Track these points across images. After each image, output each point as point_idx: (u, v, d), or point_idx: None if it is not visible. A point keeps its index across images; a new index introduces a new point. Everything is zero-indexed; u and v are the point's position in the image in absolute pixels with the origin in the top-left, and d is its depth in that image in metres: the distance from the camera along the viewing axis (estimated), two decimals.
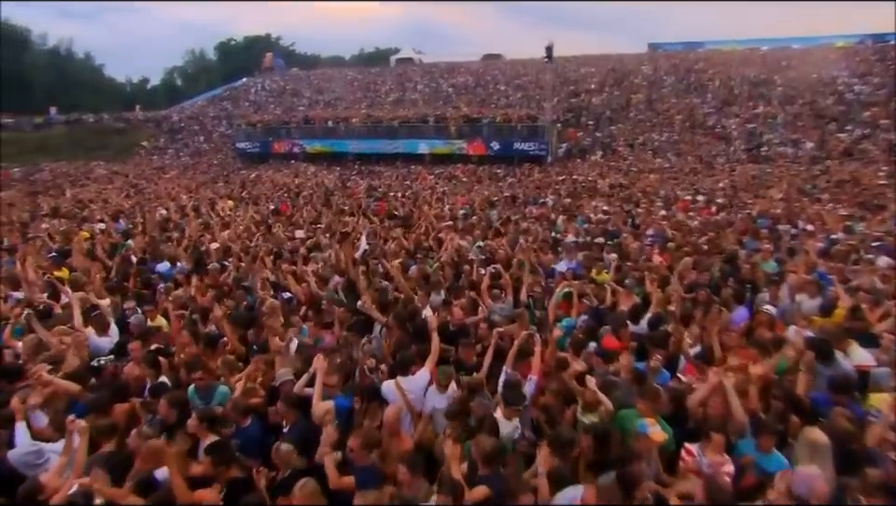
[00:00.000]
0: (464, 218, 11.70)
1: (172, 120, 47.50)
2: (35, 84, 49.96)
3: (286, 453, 3.47)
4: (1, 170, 26.66)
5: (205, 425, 3.86)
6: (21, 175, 27.19)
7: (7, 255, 9.18)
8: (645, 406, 3.69)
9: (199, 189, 18.04)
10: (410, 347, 4.95)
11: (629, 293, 6.49)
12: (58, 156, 39.41)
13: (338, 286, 6.95)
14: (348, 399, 4.16)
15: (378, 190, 17.15)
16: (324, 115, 32.51)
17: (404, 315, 5.37)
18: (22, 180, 24.70)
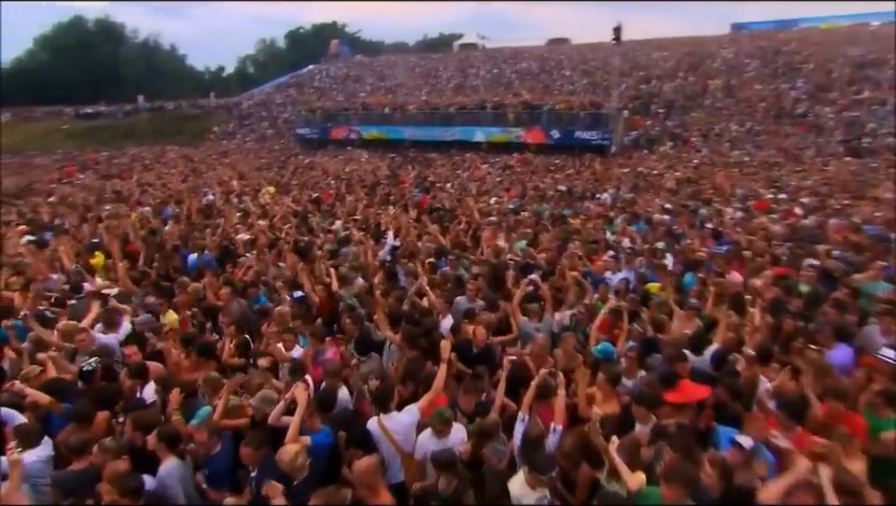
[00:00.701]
0: (511, 214, 10.85)
1: (241, 107, 49.45)
2: (127, 75, 53.71)
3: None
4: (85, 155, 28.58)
5: (164, 444, 3.42)
6: (106, 158, 29.23)
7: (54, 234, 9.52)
8: (671, 491, 2.75)
9: (250, 175, 18.24)
10: (421, 370, 4.30)
11: (690, 314, 5.46)
12: (141, 141, 42.24)
13: (362, 288, 6.42)
14: (328, 434, 3.56)
15: (428, 181, 16.54)
16: (381, 101, 32.32)
17: (415, 331, 4.67)
18: (106, 163, 26.36)
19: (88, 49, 53.33)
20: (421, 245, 8.28)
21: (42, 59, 54.90)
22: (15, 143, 41.87)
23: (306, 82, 51.74)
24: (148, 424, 3.63)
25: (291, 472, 3.07)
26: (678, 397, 3.70)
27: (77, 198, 13.91)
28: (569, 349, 4.78)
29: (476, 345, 4.85)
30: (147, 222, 9.98)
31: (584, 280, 6.36)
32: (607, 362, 4.41)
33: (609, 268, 7.01)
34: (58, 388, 4.18)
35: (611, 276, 6.85)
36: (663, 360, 4.41)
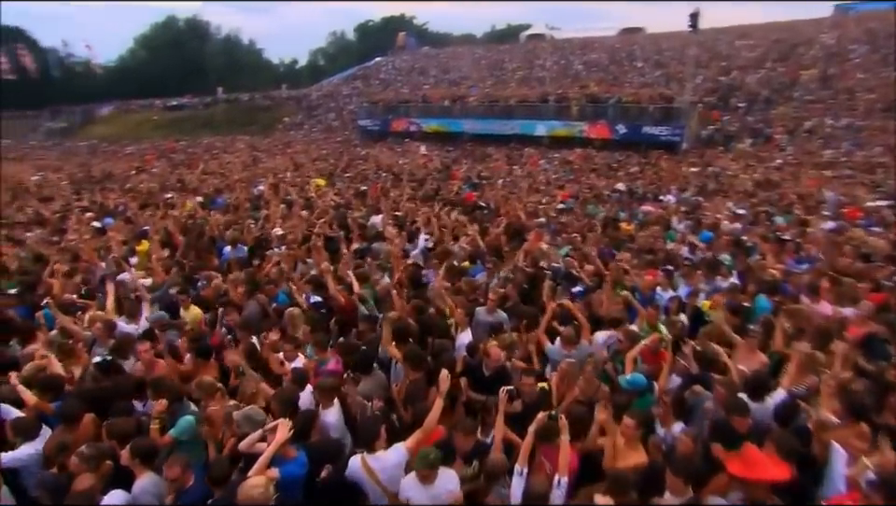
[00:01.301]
0: (561, 215, 10.10)
1: (310, 98, 51.10)
2: (209, 69, 57.18)
3: None
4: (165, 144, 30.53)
5: (138, 460, 3.21)
6: (183, 147, 31.17)
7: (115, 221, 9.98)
8: None
9: (305, 166, 18.51)
10: (422, 396, 3.88)
11: (753, 345, 4.61)
12: (218, 130, 44.91)
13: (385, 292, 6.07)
14: (302, 464, 3.21)
15: (479, 176, 15.99)
16: (441, 93, 32.00)
17: (418, 351, 4.21)
18: (182, 152, 28.05)
19: (178, 47, 57.44)
20: (457, 248, 7.81)
21: (140, 56, 59.94)
22: (114, 133, 46.09)
23: (372, 74, 52.55)
24: (125, 433, 3.47)
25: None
26: (744, 470, 2.89)
27: (146, 185, 14.71)
28: (590, 376, 4.16)
29: (488, 367, 4.34)
30: (187, 211, 10.19)
31: (634, 299, 5.62)
32: (637, 399, 3.75)
33: (659, 284, 6.18)
34: (52, 386, 4.14)
35: (662, 293, 6.05)
36: (714, 408, 3.67)
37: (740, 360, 4.44)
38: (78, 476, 3.12)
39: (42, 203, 12.35)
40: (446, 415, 3.82)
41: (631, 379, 3.94)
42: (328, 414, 3.87)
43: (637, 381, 3.93)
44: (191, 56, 56.35)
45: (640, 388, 3.88)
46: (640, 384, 3.92)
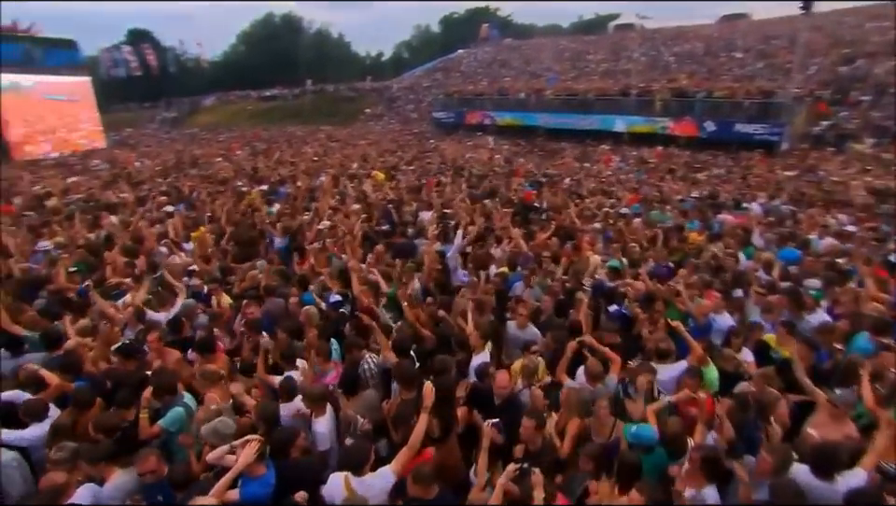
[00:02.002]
0: (621, 221, 9.23)
1: (391, 90, 52.21)
2: (300, 61, 60.27)
3: None
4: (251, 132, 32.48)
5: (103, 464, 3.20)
6: (267, 136, 33.04)
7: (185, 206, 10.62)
8: None
9: (374, 158, 18.70)
10: (410, 418, 3.55)
11: (841, 414, 3.63)
12: (305, 120, 47.36)
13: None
14: (266, 484, 3.01)
15: (546, 173, 15.22)
16: (517, 86, 31.12)
17: (409, 369, 3.85)
18: (266, 140, 29.72)
19: (274, 41, 61.24)
20: (498, 252, 7.36)
21: (241, 51, 64.82)
22: (213, 121, 50.15)
23: (453, 67, 52.54)
24: (111, 427, 3.49)
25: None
26: None
27: (222, 173, 15.61)
28: (605, 414, 3.60)
29: (497, 395, 3.90)
30: (247, 201, 10.53)
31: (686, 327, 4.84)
32: (645, 454, 3.16)
33: (716, 309, 5.32)
34: (72, 366, 4.33)
35: (716, 319, 5.21)
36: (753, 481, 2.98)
37: (817, 424, 3.61)
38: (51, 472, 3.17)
39: (132, 188, 13.49)
40: (438, 446, 3.48)
41: (637, 432, 3.32)
42: (318, 422, 3.70)
43: (642, 435, 3.30)
44: (284, 50, 59.76)
45: (647, 444, 3.26)
46: (647, 438, 3.28)
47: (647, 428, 3.34)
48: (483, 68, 49.28)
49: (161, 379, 3.84)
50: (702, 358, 4.31)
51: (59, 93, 30.25)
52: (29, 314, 5.33)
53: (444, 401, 3.64)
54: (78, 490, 3.12)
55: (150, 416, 3.67)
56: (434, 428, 3.55)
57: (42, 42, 29.67)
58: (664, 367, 4.20)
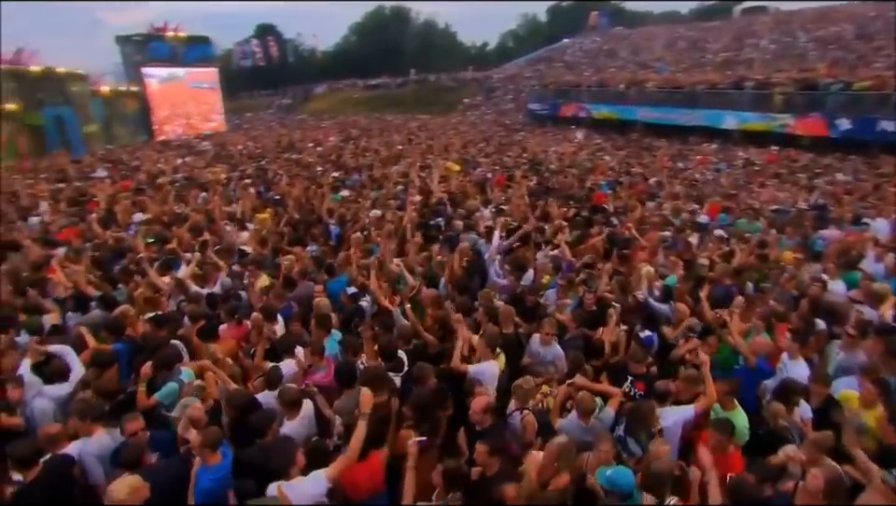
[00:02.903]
0: (697, 233, 8.21)
1: (491, 80, 51.86)
2: (405, 51, 62.10)
3: None
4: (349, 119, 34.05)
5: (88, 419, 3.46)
6: (365, 123, 34.51)
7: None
8: None
9: (457, 148, 18.64)
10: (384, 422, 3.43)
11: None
12: (406, 109, 48.87)
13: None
14: (213, 479, 3.04)
15: (630, 172, 14.10)
16: (618, 78, 29.19)
17: (377, 374, 3.64)
18: (362, 128, 31.04)
19: (382, 32, 63.70)
20: (541, 256, 6.91)
21: (352, 42, 68.29)
22: (323, 108, 53.54)
23: (557, 56, 50.80)
24: (109, 392, 3.80)
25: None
26: None
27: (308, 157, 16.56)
28: (607, 454, 3.17)
29: (474, 421, 3.60)
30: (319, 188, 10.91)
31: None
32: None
33: (788, 351, 4.41)
34: (113, 329, 4.79)
35: (788, 364, 4.36)
36: None
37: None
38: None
39: (228, 168, 14.80)
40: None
41: (612, 476, 2.86)
42: (287, 425, 3.66)
43: (618, 480, 2.84)
44: (392, 40, 61.93)
45: (623, 491, 2.80)
46: (623, 485, 2.82)
47: (623, 473, 2.90)
48: (587, 58, 47.09)
49: (161, 355, 4.10)
50: (726, 400, 3.66)
51: (202, 81, 34.62)
52: (97, 277, 6.04)
53: (422, 413, 3.45)
54: (73, 443, 3.43)
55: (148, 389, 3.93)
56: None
57: (184, 40, 33.70)
58: (662, 410, 3.62)
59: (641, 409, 3.46)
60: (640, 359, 4.25)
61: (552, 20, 66.62)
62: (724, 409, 3.75)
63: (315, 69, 62.64)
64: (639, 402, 3.59)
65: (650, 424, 3.38)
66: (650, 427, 3.39)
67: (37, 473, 3.14)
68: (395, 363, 4.21)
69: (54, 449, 3.36)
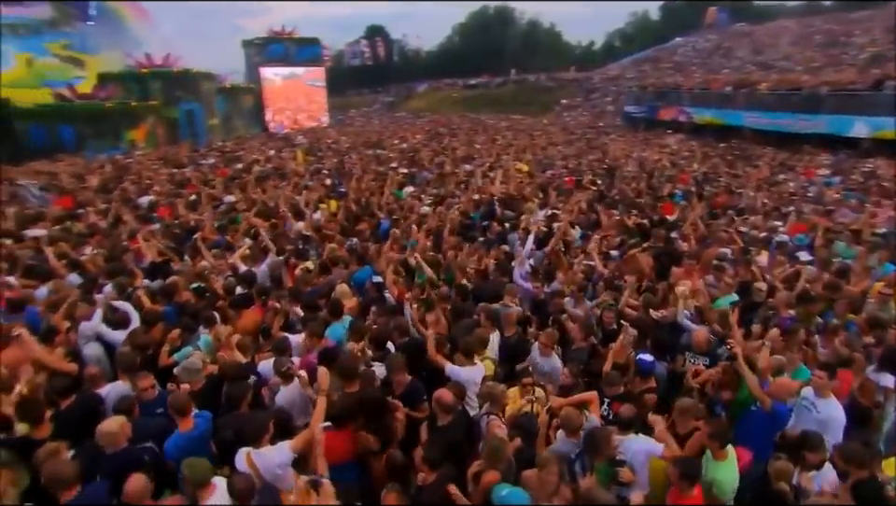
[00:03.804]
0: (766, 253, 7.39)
1: (592, 81, 50.08)
2: (506, 51, 61.94)
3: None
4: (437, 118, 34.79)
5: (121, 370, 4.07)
6: (457, 122, 35.07)
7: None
8: None
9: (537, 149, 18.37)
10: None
11: None
12: (501, 108, 48.90)
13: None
14: (185, 442, 3.43)
15: (718, 182, 12.91)
16: (724, 79, 26.66)
17: (349, 366, 3.82)
18: (450, 126, 31.57)
19: (485, 32, 64.10)
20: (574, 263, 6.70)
21: (454, 42, 69.62)
22: (422, 106, 55.25)
23: (665, 57, 47.76)
24: (140, 344, 4.47)
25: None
26: None
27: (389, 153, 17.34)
28: (553, 472, 3.07)
29: (439, 416, 3.67)
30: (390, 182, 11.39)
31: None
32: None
33: (819, 390, 3.87)
34: (166, 294, 5.55)
35: (818, 402, 3.85)
36: None
37: None
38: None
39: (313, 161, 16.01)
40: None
41: (507, 496, 2.77)
42: (282, 394, 4.02)
43: (510, 502, 2.75)
44: (494, 40, 62.06)
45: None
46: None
47: (518, 494, 2.82)
48: (700, 58, 43.69)
49: (185, 322, 4.70)
50: (709, 446, 3.33)
51: (316, 80, 37.72)
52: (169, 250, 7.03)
53: (372, 412, 3.61)
54: (108, 385, 4.09)
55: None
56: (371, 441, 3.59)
57: (297, 41, 36.78)
58: (625, 439, 3.39)
59: (596, 435, 3.29)
60: (616, 382, 4.02)
61: (664, 17, 62.50)
62: (714, 458, 3.34)
63: (418, 68, 64.84)
64: (595, 428, 3.41)
65: (604, 451, 3.20)
66: (606, 454, 3.21)
67: (70, 403, 3.81)
68: (382, 353, 4.40)
69: (93, 388, 4.04)
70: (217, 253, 6.92)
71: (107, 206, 9.70)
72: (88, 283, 5.84)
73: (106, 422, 3.27)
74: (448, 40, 71.26)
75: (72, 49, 28.71)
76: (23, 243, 7.67)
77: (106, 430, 3.20)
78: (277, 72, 35.51)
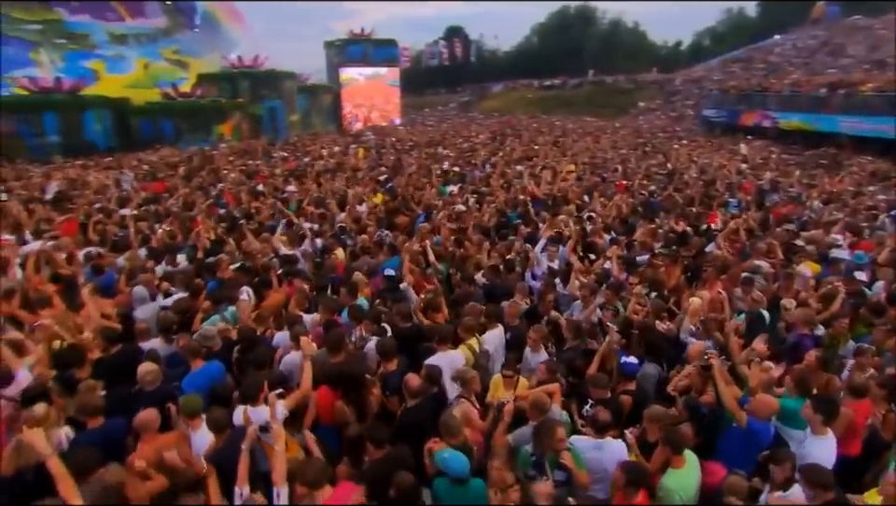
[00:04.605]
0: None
1: (674, 83, 47.60)
2: (584, 51, 60.41)
3: None
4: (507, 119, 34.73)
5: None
6: (526, 122, 34.84)
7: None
8: None
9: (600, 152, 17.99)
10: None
11: None
12: (574, 110, 47.88)
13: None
14: (194, 379, 4.03)
15: (785, 194, 12.01)
16: (818, 80, 24.33)
17: (336, 336, 4.26)
18: (516, 127, 31.41)
19: (564, 32, 62.92)
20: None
21: (532, 42, 68.95)
22: (496, 106, 55.36)
23: (759, 56, 44.20)
24: (180, 309, 5.21)
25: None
26: None
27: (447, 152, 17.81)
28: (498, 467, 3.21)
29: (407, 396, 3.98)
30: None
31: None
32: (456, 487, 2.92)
33: (812, 423, 3.63)
34: (211, 271, 6.32)
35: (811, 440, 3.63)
36: None
37: None
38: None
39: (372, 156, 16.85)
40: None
41: (448, 458, 2.98)
42: (289, 357, 4.52)
43: (450, 464, 2.96)
44: (573, 41, 60.79)
45: (452, 475, 2.96)
46: (453, 470, 2.96)
47: (458, 459, 3.03)
48: (801, 57, 39.97)
49: (215, 294, 5.41)
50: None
51: (394, 80, 39.33)
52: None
53: (349, 384, 3.99)
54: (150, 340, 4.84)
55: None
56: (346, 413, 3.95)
57: (374, 42, 38.37)
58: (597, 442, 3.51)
59: (541, 426, 3.42)
60: (603, 385, 4.07)
61: (762, 14, 57.76)
62: (670, 465, 3.34)
63: (495, 68, 64.96)
64: (545, 420, 3.53)
65: (549, 443, 3.32)
66: (550, 446, 3.33)
67: (115, 351, 4.57)
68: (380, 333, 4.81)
69: (139, 341, 4.80)
70: (265, 237, 7.69)
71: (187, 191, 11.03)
72: (152, 256, 6.83)
73: (144, 365, 3.97)
74: (526, 40, 70.77)
75: (180, 53, 32.49)
76: (113, 219, 9.00)
77: (145, 371, 3.90)
78: (361, 71, 37.32)
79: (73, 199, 10.79)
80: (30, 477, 3.07)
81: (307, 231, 7.66)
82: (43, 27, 27.29)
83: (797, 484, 3.23)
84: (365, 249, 7.18)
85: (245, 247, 7.33)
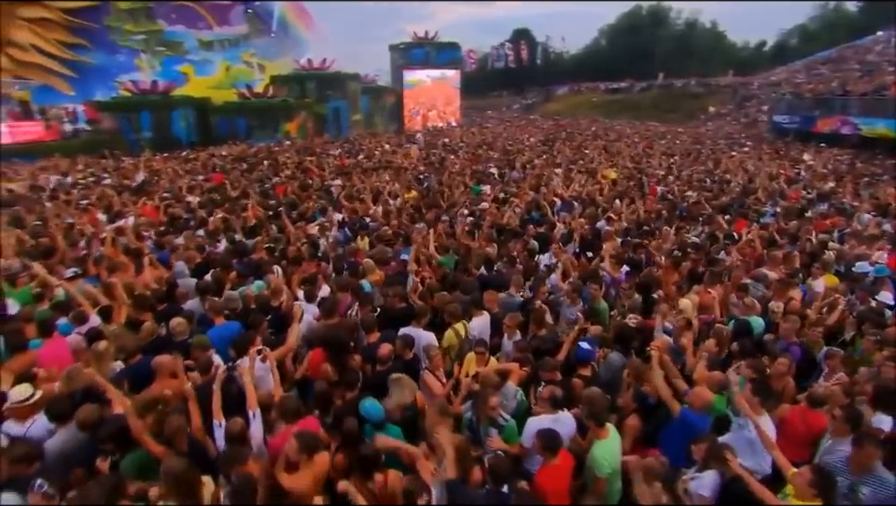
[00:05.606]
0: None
1: (750, 87, 44.87)
2: (655, 54, 58.12)
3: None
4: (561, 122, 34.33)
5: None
6: (583, 126, 34.34)
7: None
8: None
9: (636, 157, 17.73)
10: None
11: None
12: (639, 115, 46.40)
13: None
14: (216, 333, 4.88)
15: (832, 205, 11.40)
16: None
17: (329, 303, 4.98)
18: (574, 130, 31.13)
19: (635, 33, 60.79)
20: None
21: (600, 44, 67.22)
22: (559, 110, 54.78)
23: (853, 56, 40.35)
24: (215, 280, 6.10)
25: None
26: None
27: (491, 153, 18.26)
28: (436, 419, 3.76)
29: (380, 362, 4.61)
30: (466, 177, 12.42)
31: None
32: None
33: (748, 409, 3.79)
34: (240, 251, 7.29)
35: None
36: None
37: None
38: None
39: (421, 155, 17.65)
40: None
41: (367, 407, 3.75)
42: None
43: (369, 411, 3.78)
44: (643, 42, 58.70)
45: (372, 420, 3.75)
46: (372, 416, 3.79)
47: (376, 407, 3.67)
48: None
49: (246, 270, 6.28)
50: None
51: (456, 82, 40.36)
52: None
53: (334, 346, 4.63)
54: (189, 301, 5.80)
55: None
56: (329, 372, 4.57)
57: (437, 45, 39.40)
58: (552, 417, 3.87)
59: (479, 395, 3.88)
60: (549, 368, 4.40)
61: (864, 9, 52.55)
62: (595, 436, 3.69)
63: (561, 71, 64.13)
64: (482, 391, 3.94)
65: (484, 411, 3.79)
66: (485, 413, 3.80)
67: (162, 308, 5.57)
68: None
69: (180, 302, 5.79)
70: (301, 225, 8.61)
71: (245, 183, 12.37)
72: (209, 237, 7.96)
73: (175, 319, 4.92)
74: (594, 42, 69.14)
75: (257, 56, 35.44)
76: (181, 204, 10.38)
77: (176, 323, 4.86)
78: (429, 74, 38.54)
79: (153, 186, 12.46)
80: (77, 397, 3.99)
81: (336, 221, 8.48)
82: (147, 37, 31.46)
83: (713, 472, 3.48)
84: (382, 239, 7.87)
85: (286, 234, 8.27)
